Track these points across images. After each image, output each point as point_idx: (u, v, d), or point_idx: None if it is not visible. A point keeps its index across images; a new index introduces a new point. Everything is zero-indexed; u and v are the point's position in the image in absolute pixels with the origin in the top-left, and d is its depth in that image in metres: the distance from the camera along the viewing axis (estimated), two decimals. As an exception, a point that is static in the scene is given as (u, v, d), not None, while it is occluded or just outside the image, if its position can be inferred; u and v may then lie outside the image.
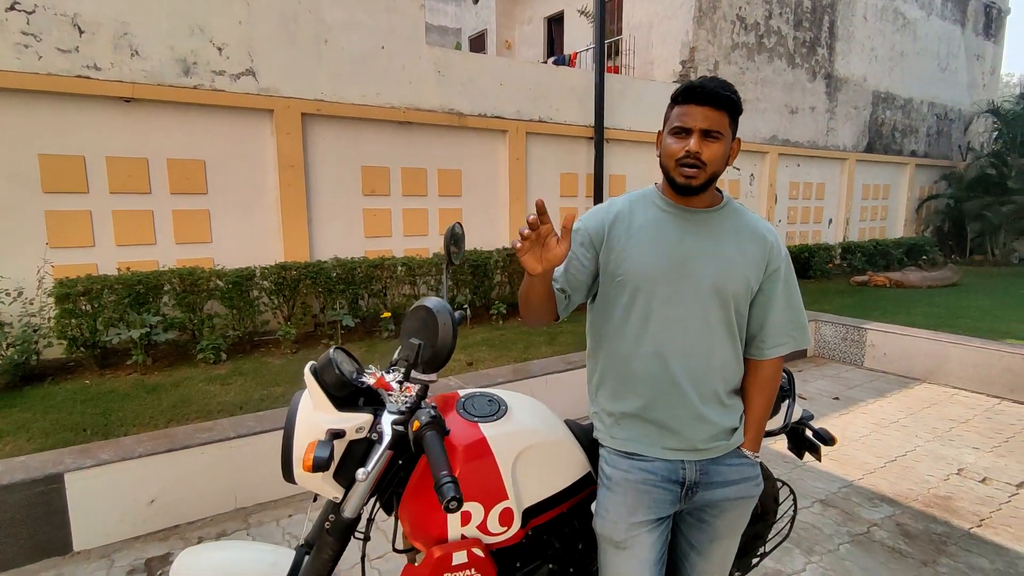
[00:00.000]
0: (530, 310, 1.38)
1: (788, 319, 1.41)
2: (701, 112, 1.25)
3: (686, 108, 1.27)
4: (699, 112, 1.25)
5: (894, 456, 3.49)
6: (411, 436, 1.14)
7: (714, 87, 1.24)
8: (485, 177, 7.63)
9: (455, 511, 0.98)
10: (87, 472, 2.45)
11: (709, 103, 1.25)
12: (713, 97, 1.24)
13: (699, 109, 1.25)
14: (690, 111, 1.26)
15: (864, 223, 12.99)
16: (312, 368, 1.20)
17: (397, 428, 1.16)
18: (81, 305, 4.72)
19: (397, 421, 1.16)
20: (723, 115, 1.26)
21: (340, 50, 6.37)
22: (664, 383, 1.35)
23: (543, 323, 1.44)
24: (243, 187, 6.02)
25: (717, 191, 1.42)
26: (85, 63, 5.20)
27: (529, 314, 1.39)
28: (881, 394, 4.61)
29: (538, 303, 1.35)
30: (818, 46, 11.14)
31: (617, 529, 1.35)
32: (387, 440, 1.14)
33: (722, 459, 1.39)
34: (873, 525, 2.75)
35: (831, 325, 5.60)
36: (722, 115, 1.26)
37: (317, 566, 1.23)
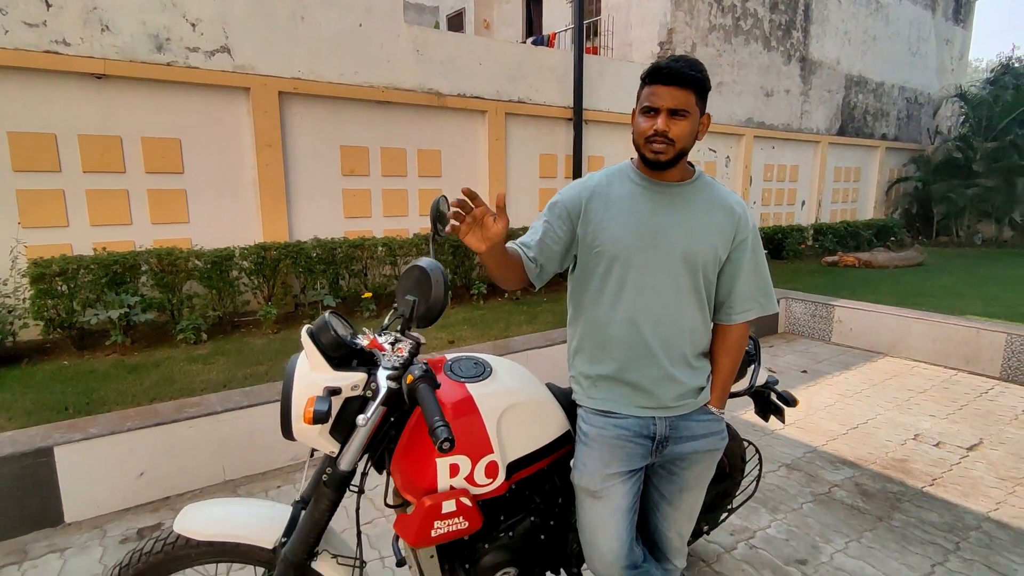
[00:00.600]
0: (498, 278, 1.45)
1: (755, 286, 1.52)
2: (668, 92, 1.33)
3: (654, 88, 1.35)
4: (666, 92, 1.33)
5: (856, 424, 3.68)
6: (405, 390, 1.22)
7: (680, 68, 1.32)
8: (465, 158, 7.64)
9: (447, 451, 1.07)
10: (76, 446, 2.49)
11: (676, 83, 1.32)
12: (679, 77, 1.32)
13: (666, 89, 1.33)
14: (657, 91, 1.34)
15: (836, 205, 13.31)
16: (308, 330, 1.27)
17: (391, 383, 1.24)
18: (57, 286, 4.68)
19: (392, 376, 1.24)
20: (689, 94, 1.34)
21: (317, 27, 6.29)
22: (637, 347, 1.45)
23: (517, 287, 1.51)
24: (220, 166, 5.96)
25: (690, 165, 1.51)
26: (53, 38, 5.07)
27: (500, 281, 1.46)
28: (847, 367, 4.83)
29: (500, 272, 1.41)
30: (793, 29, 11.28)
31: (593, 480, 1.46)
32: (383, 393, 1.22)
33: (690, 415, 1.50)
34: (834, 486, 2.93)
35: (801, 303, 5.80)
36: (688, 94, 1.34)
37: (315, 516, 1.31)
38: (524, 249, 1.48)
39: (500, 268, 1.39)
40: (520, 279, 1.48)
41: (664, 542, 1.59)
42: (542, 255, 1.49)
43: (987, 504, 2.77)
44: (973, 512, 2.70)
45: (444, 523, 1.33)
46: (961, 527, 2.58)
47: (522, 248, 1.48)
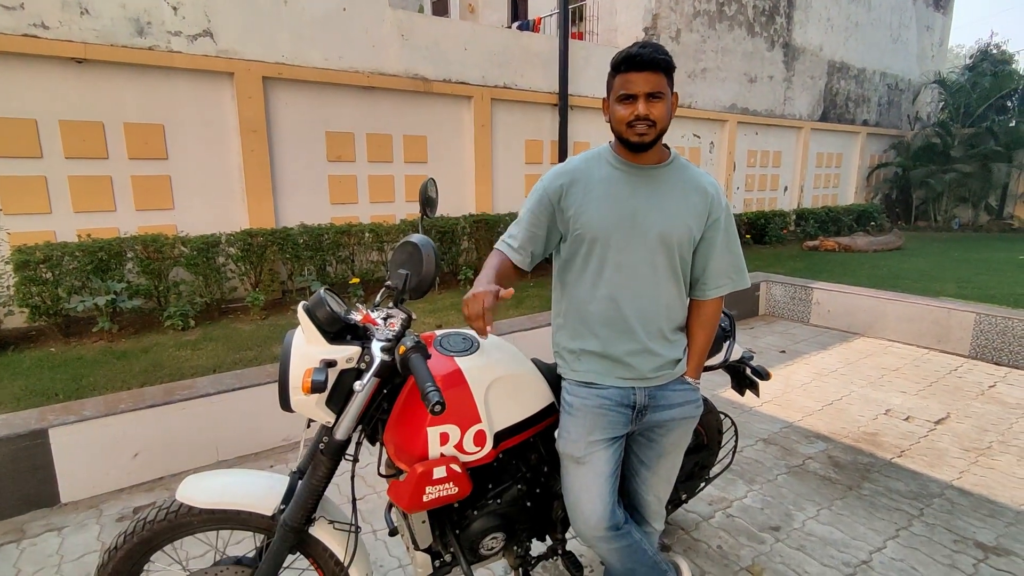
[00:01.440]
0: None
1: (728, 263, 1.60)
2: (643, 77, 1.40)
3: (628, 76, 1.42)
4: (641, 78, 1.41)
5: (831, 400, 3.82)
6: (398, 360, 1.29)
7: (651, 53, 1.39)
8: (451, 143, 7.65)
9: (439, 414, 1.14)
10: (71, 428, 2.53)
11: (649, 68, 1.40)
12: (651, 63, 1.39)
13: (640, 75, 1.40)
14: (632, 78, 1.41)
15: (818, 190, 13.51)
16: (304, 306, 1.34)
17: (384, 355, 1.31)
18: (42, 273, 4.66)
19: (385, 347, 1.31)
20: (661, 76, 1.42)
21: (301, 11, 6.24)
22: (617, 322, 1.53)
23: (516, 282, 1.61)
24: (205, 152, 5.93)
25: (665, 148, 1.58)
26: (32, 21, 4.99)
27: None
28: (824, 347, 4.98)
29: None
30: (777, 15, 11.36)
31: (577, 447, 1.54)
32: (376, 363, 1.29)
33: (667, 385, 1.59)
34: (808, 458, 3.06)
35: (781, 285, 5.95)
36: (660, 77, 1.41)
37: (312, 483, 1.39)
38: (510, 242, 1.60)
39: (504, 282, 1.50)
40: (515, 277, 1.60)
41: (643, 505, 1.69)
42: (529, 243, 1.60)
43: (951, 473, 2.91)
44: (937, 480, 2.85)
45: (435, 488, 1.41)
46: (925, 495, 2.72)
47: (508, 243, 1.60)
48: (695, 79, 10.19)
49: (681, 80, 9.97)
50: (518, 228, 1.61)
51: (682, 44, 9.87)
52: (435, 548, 1.62)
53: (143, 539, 1.42)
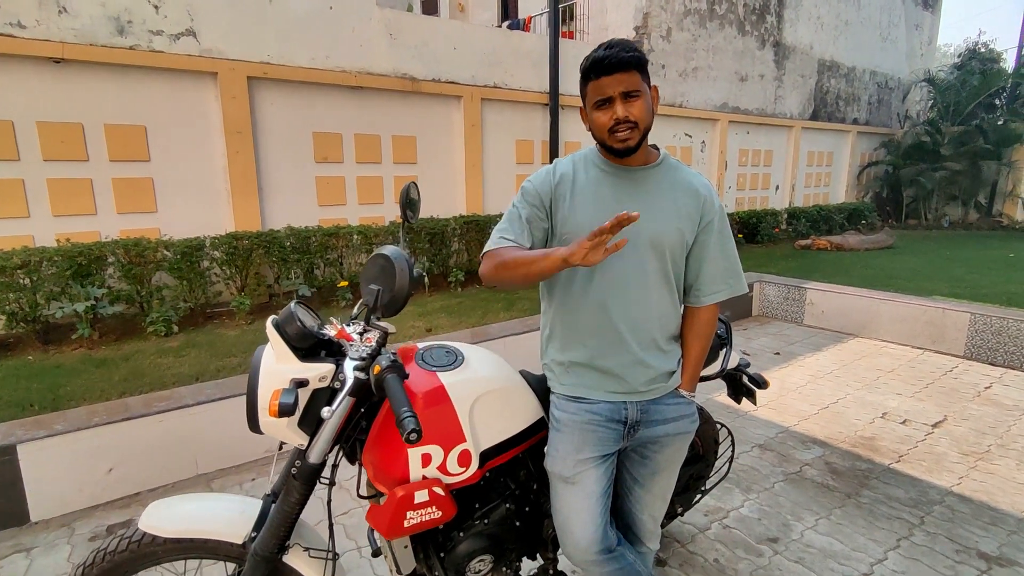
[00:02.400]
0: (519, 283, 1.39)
1: (723, 268, 1.52)
2: (615, 80, 1.32)
3: (600, 81, 1.34)
4: (613, 80, 1.32)
5: (826, 403, 3.77)
6: (372, 380, 1.20)
7: (617, 53, 1.31)
8: (441, 144, 7.56)
9: (415, 443, 1.06)
10: (41, 443, 2.42)
11: (618, 69, 1.31)
12: (620, 63, 1.31)
13: (611, 78, 1.32)
14: (605, 82, 1.33)
15: (809, 189, 13.51)
16: (274, 321, 1.25)
17: (359, 374, 1.22)
18: (19, 278, 4.52)
19: (359, 367, 1.22)
20: (634, 74, 1.33)
21: (286, 9, 6.13)
22: (607, 332, 1.45)
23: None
24: (189, 154, 5.80)
25: (654, 148, 1.50)
26: (8, 20, 4.86)
27: (517, 284, 1.40)
28: (818, 348, 4.93)
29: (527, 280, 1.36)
30: (767, 14, 11.34)
31: (566, 466, 1.46)
32: (349, 384, 1.20)
33: (661, 399, 1.51)
34: (805, 465, 3.00)
35: (774, 286, 5.90)
36: (633, 75, 1.33)
37: (285, 509, 1.30)
38: (508, 238, 1.44)
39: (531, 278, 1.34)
40: None
41: (638, 525, 1.61)
42: (526, 239, 1.46)
43: (950, 479, 2.86)
44: (937, 487, 2.79)
45: (417, 513, 1.33)
46: (925, 502, 2.66)
47: (505, 238, 1.44)
48: (686, 78, 10.14)
49: (672, 79, 9.93)
50: (510, 225, 1.46)
51: (673, 43, 9.82)
52: (419, 572, 1.53)
53: (104, 571, 1.32)
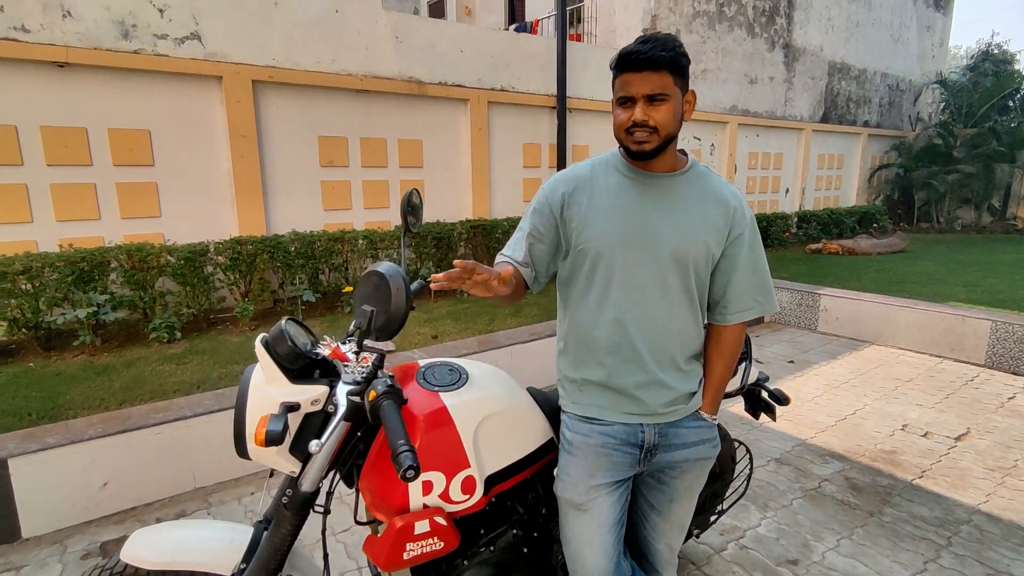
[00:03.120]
0: (502, 302, 1.43)
1: (753, 284, 1.41)
2: (641, 78, 1.22)
3: (626, 77, 1.24)
4: (639, 78, 1.22)
5: (844, 415, 3.65)
6: (367, 406, 1.11)
7: (649, 50, 1.20)
8: (447, 147, 7.48)
9: (412, 480, 0.96)
10: (33, 457, 2.35)
11: (648, 67, 1.21)
12: (650, 61, 1.20)
13: (638, 75, 1.22)
14: (630, 79, 1.23)
15: (819, 192, 13.35)
16: (263, 340, 1.16)
17: (353, 399, 1.13)
18: (20, 284, 4.47)
19: (353, 391, 1.13)
20: (665, 75, 1.22)
21: (291, 13, 6.08)
22: (624, 350, 1.35)
23: (517, 301, 1.46)
24: (193, 159, 5.76)
25: (683, 154, 1.40)
26: (12, 24, 4.83)
27: (502, 303, 1.44)
28: (833, 356, 4.80)
29: (505, 301, 1.40)
30: (777, 15, 11.22)
31: (577, 492, 1.36)
32: (342, 411, 1.11)
33: (680, 422, 1.41)
34: (824, 480, 2.88)
35: (787, 291, 5.77)
36: (663, 76, 1.22)
37: (275, 541, 1.21)
38: (512, 256, 1.42)
39: (509, 298, 1.39)
40: (523, 291, 1.43)
41: (653, 554, 1.51)
42: (534, 261, 1.42)
43: (977, 496, 2.74)
44: (963, 505, 2.67)
45: (417, 545, 1.24)
46: (952, 521, 2.54)
47: (512, 260, 1.42)
48: (695, 80, 10.03)
49: (681, 82, 9.82)
50: (518, 242, 1.43)
51: (682, 45, 9.71)
52: (421, 603, 1.44)
53: (83, 605, 1.24)
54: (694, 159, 1.41)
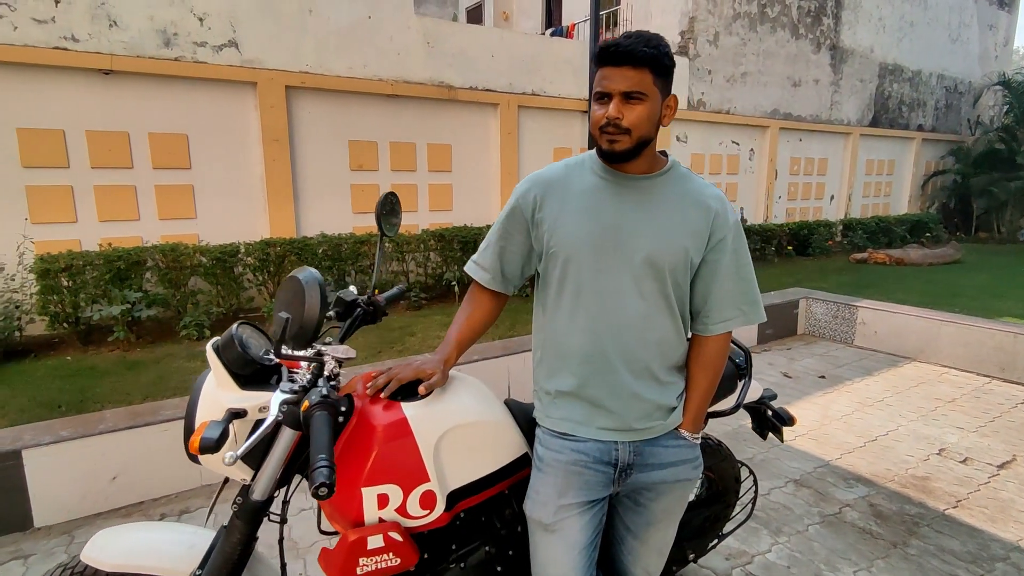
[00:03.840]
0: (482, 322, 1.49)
1: (737, 292, 1.33)
2: (619, 73, 1.16)
3: (604, 71, 1.18)
4: (617, 74, 1.16)
5: (875, 435, 3.43)
6: (301, 416, 1.08)
7: (630, 44, 1.14)
8: (476, 152, 7.50)
9: (323, 498, 0.92)
10: (46, 449, 2.43)
11: (627, 62, 1.15)
12: (630, 56, 1.14)
13: (617, 70, 1.16)
14: (608, 74, 1.17)
15: (867, 199, 12.78)
16: (214, 345, 1.14)
17: (285, 408, 1.09)
18: (62, 281, 4.69)
19: (288, 400, 1.10)
20: (644, 73, 1.16)
21: (325, 20, 6.21)
22: (597, 359, 1.28)
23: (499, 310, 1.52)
24: (227, 162, 5.94)
25: (663, 155, 1.33)
26: (62, 34, 5.09)
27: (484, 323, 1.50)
28: (869, 372, 4.54)
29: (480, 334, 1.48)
30: (823, 16, 10.81)
31: (546, 511, 1.30)
32: (271, 419, 1.07)
33: (658, 440, 1.33)
34: (845, 506, 2.70)
35: (822, 303, 5.51)
36: (643, 73, 1.16)
37: (226, 549, 1.18)
38: (478, 261, 1.45)
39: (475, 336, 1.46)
40: (494, 307, 1.48)
41: (630, 580, 1.43)
42: (499, 262, 1.42)
43: (1017, 531, 2.52)
44: (1001, 540, 2.45)
45: (371, 560, 1.20)
46: (986, 557, 2.34)
47: (475, 262, 1.46)
48: (734, 84, 9.76)
49: (719, 85, 9.58)
50: (488, 246, 1.42)
51: (720, 48, 9.48)
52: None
53: (45, 603, 1.25)
54: (675, 160, 1.33)
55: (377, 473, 1.20)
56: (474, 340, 1.45)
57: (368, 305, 1.43)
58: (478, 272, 1.43)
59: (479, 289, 1.44)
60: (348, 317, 1.40)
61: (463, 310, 1.45)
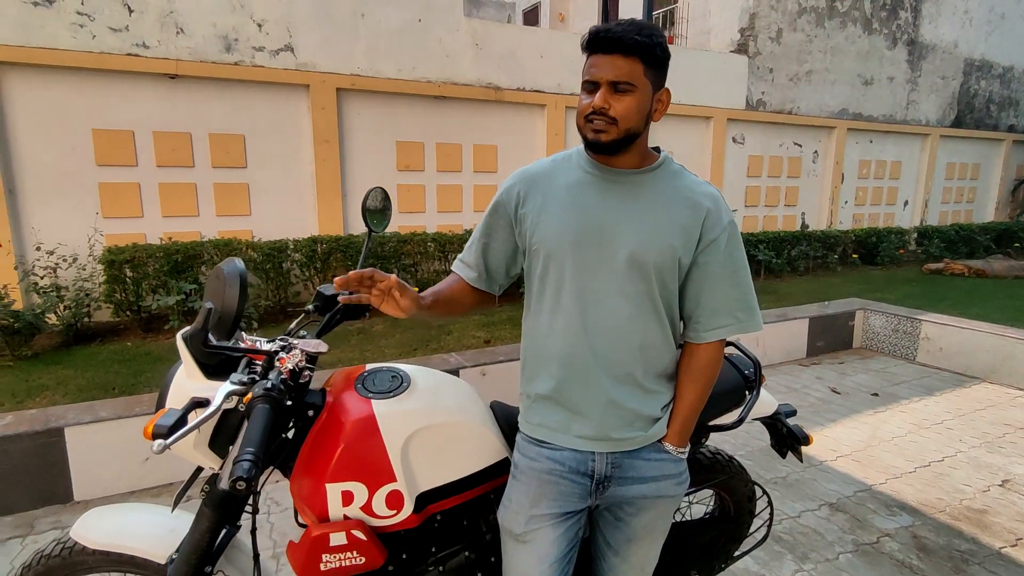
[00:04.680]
0: (451, 316, 1.42)
1: (731, 298, 1.24)
2: (608, 62, 1.10)
3: (594, 59, 1.13)
4: (606, 62, 1.11)
5: (928, 461, 3.16)
6: (244, 408, 1.08)
7: (621, 31, 1.09)
8: (522, 153, 7.47)
9: (240, 493, 0.92)
10: (86, 428, 2.59)
11: (617, 50, 1.10)
12: (620, 43, 1.09)
13: (606, 58, 1.11)
14: (597, 62, 1.12)
15: (947, 206, 11.86)
16: (183, 335, 1.17)
17: (231, 397, 1.09)
18: (126, 272, 5.02)
19: (234, 391, 1.10)
20: (635, 63, 1.10)
21: (377, 24, 6.36)
22: (576, 362, 1.23)
23: (479, 308, 1.43)
24: (281, 161, 6.18)
25: (655, 150, 1.26)
26: (134, 41, 5.43)
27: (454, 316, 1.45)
28: (929, 392, 4.19)
29: (446, 313, 1.36)
30: (901, 9, 10.13)
31: (517, 521, 1.25)
32: (211, 408, 1.07)
33: (639, 452, 1.25)
34: (884, 535, 2.50)
35: (881, 315, 5.14)
36: (634, 63, 1.10)
37: (195, 536, 1.20)
38: (462, 258, 1.42)
39: (442, 312, 1.34)
40: (474, 301, 1.41)
41: (609, 598, 1.36)
42: (481, 258, 1.38)
43: (1085, 577, 2.25)
44: (1063, 585, 2.20)
45: (334, 557, 1.19)
46: (1043, 603, 2.10)
47: (460, 259, 1.42)
48: (797, 83, 9.30)
49: (781, 84, 9.15)
50: (472, 243, 1.40)
51: (783, 45, 9.05)
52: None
53: (39, 574, 1.31)
54: (667, 155, 1.26)
55: (342, 469, 1.19)
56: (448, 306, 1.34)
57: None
58: (464, 270, 1.40)
59: (463, 284, 1.40)
60: (327, 312, 1.40)
61: (444, 281, 1.40)
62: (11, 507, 2.52)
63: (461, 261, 1.41)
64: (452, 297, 1.36)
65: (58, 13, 5.11)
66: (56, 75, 5.19)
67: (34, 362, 4.25)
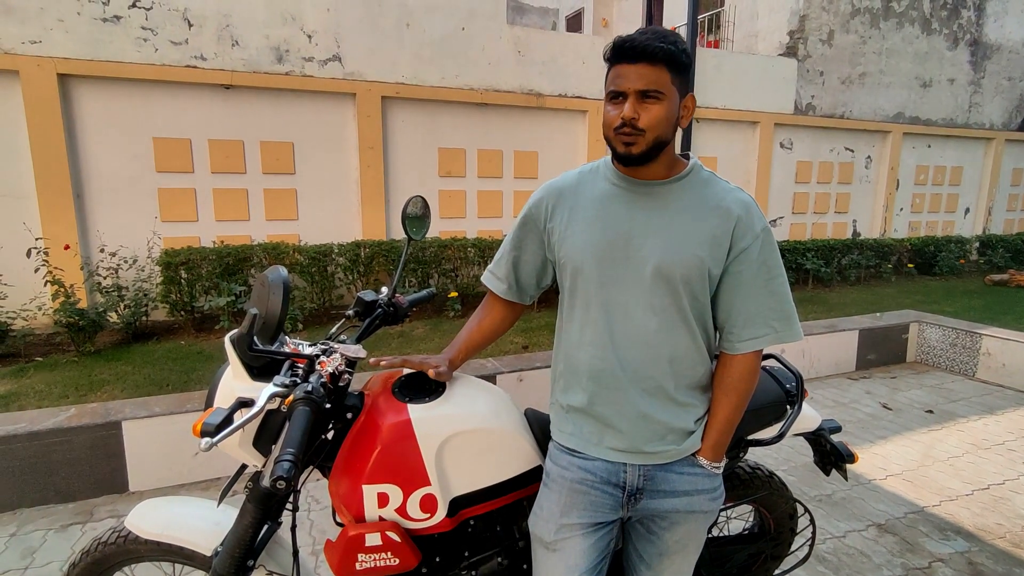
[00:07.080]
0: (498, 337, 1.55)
1: (767, 307, 1.21)
2: (635, 71, 1.10)
3: (618, 69, 1.13)
4: (632, 71, 1.10)
5: (987, 483, 2.99)
6: (285, 410, 1.12)
7: (646, 40, 1.09)
8: (563, 159, 7.47)
9: (280, 492, 0.95)
10: (142, 422, 2.73)
11: (643, 59, 1.09)
12: (645, 52, 1.08)
13: (632, 68, 1.10)
14: (622, 71, 1.12)
15: (1013, 214, 11.22)
16: (231, 337, 1.22)
17: (274, 398, 1.13)
18: (181, 273, 5.26)
19: (277, 393, 1.14)
20: (662, 71, 1.10)
21: (421, 33, 6.48)
22: (606, 376, 1.22)
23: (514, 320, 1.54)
24: (327, 168, 6.37)
25: (683, 158, 1.25)
26: (193, 54, 5.71)
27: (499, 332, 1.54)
28: (990, 411, 3.97)
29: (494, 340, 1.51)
30: (963, 8, 9.67)
31: (548, 529, 1.26)
32: (255, 408, 1.11)
33: (671, 466, 1.24)
34: (937, 560, 2.38)
35: (937, 328, 4.89)
36: (660, 71, 1.10)
37: (238, 531, 1.26)
38: (493, 270, 1.46)
39: (485, 347, 1.50)
40: (511, 316, 1.50)
41: (641, 611, 1.34)
42: (512, 271, 1.43)
43: None
44: None
45: (369, 557, 1.22)
46: (1115, 642, 1.96)
47: (491, 271, 1.47)
48: (850, 86, 8.98)
49: (833, 87, 8.86)
50: (502, 255, 1.43)
51: (835, 47, 8.76)
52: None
53: (96, 560, 1.40)
54: (696, 162, 1.24)
55: (378, 472, 1.22)
56: (483, 346, 1.45)
57: (389, 306, 1.47)
58: (493, 282, 1.43)
59: (494, 298, 1.44)
60: (367, 317, 1.44)
61: (475, 316, 1.46)
62: (73, 494, 2.67)
63: (491, 273, 1.44)
64: (484, 335, 1.47)
65: (124, 28, 5.42)
66: (121, 87, 5.50)
67: (96, 358, 4.50)
